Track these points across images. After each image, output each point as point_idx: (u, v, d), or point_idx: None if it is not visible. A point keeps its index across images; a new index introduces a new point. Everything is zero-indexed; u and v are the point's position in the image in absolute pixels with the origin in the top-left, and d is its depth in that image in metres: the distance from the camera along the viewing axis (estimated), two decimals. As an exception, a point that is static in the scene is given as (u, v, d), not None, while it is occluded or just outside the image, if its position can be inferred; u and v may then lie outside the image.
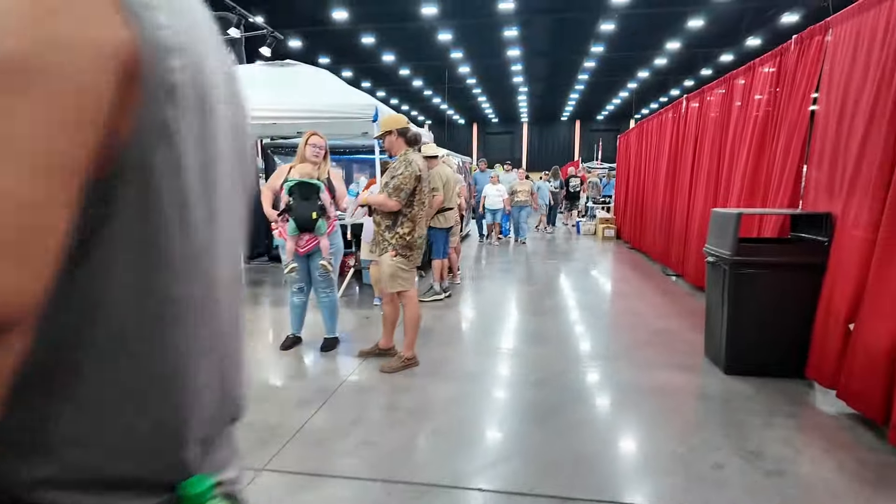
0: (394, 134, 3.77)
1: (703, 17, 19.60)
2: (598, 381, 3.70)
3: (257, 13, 18.57)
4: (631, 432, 3.00)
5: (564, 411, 3.23)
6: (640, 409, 3.28)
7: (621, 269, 8.46)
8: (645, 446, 2.86)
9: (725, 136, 5.77)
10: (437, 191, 5.77)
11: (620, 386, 3.63)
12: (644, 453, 2.78)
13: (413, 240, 3.69)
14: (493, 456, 2.72)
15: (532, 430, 3.01)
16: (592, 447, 2.81)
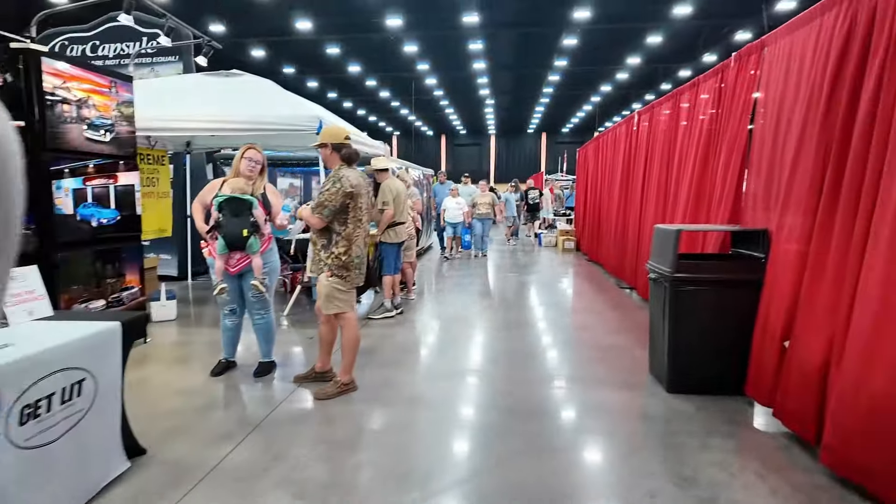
0: (328, 147, 3.62)
1: (661, 34, 20.13)
2: (542, 404, 3.58)
3: (218, 23, 18.22)
4: (569, 459, 2.88)
5: (505, 437, 3.09)
6: (581, 432, 3.17)
7: (578, 282, 8.45)
8: (582, 474, 2.74)
9: (673, 150, 5.80)
10: (388, 205, 5.63)
11: (565, 407, 3.52)
12: (580, 481, 2.66)
13: (349, 260, 3.52)
14: (427, 489, 2.56)
15: (469, 459, 2.86)
16: (531, 475, 2.67)
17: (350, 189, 3.45)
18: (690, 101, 5.37)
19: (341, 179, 3.45)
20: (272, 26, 18.77)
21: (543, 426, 3.23)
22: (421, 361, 4.49)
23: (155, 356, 4.55)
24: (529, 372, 4.19)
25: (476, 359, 4.53)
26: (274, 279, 4.00)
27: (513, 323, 5.69)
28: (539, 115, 36.10)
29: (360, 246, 3.59)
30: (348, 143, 3.67)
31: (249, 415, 3.36)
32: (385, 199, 5.65)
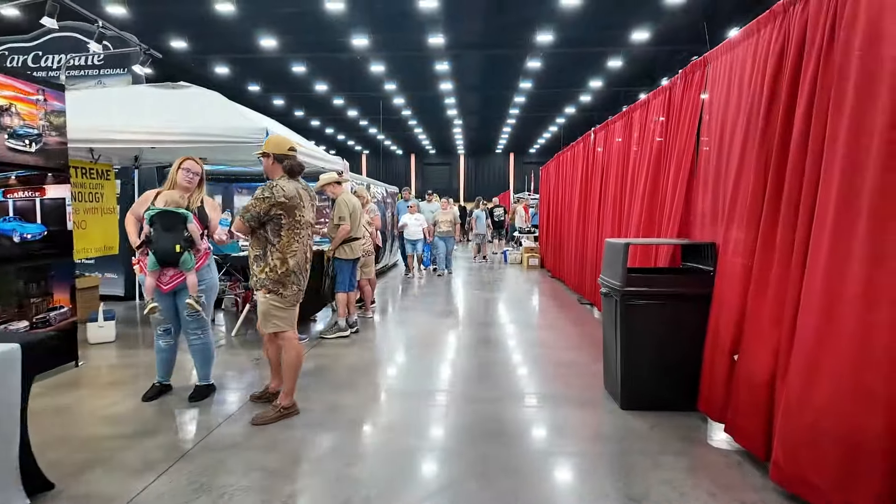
0: (270, 158, 3.45)
1: (621, 58, 20.75)
2: (497, 425, 3.44)
3: (180, 39, 17.90)
4: (524, 481, 2.73)
5: (456, 460, 2.93)
6: (537, 453, 3.04)
7: (540, 299, 8.40)
8: (536, 497, 2.60)
9: (627, 167, 5.84)
10: (344, 220, 5.47)
11: (521, 428, 3.39)
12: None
13: (285, 274, 3.34)
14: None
15: (418, 484, 2.68)
16: (483, 500, 2.52)
17: (282, 199, 3.28)
18: (642, 118, 5.43)
19: (273, 188, 3.29)
20: (236, 43, 18.53)
21: (498, 447, 3.09)
22: (372, 383, 4.30)
23: (85, 380, 4.23)
24: (486, 391, 4.04)
25: (432, 379, 4.37)
26: (212, 297, 3.77)
27: (473, 341, 5.56)
28: (506, 136, 36.59)
29: (299, 260, 3.42)
30: (292, 155, 3.51)
31: (178, 442, 3.10)
32: (342, 213, 5.50)
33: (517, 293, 8.84)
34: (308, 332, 5.87)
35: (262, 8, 15.61)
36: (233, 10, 15.30)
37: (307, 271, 3.54)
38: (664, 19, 16.77)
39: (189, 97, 5.27)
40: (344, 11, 15.82)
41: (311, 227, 3.56)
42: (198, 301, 3.58)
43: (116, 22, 16.17)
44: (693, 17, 16.31)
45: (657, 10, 16.17)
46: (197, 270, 3.61)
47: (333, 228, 5.51)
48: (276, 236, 3.32)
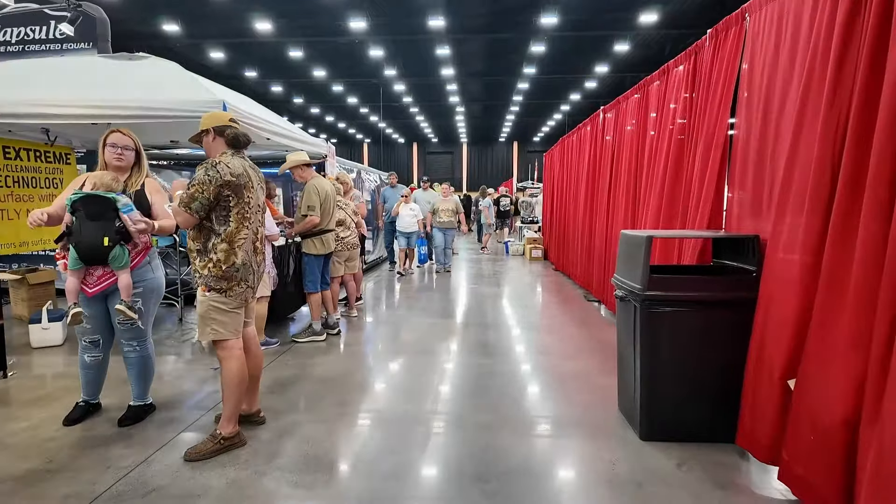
0: (210, 134, 2.77)
1: (627, 42, 19.83)
2: (484, 463, 2.76)
3: (172, 23, 17.12)
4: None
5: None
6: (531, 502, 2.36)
7: (543, 295, 7.69)
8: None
9: (642, 149, 5.11)
10: (314, 210, 4.74)
11: (514, 467, 2.70)
12: None
13: (231, 268, 2.66)
14: None
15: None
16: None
17: (229, 178, 2.61)
18: (660, 92, 4.69)
19: (217, 166, 2.60)
20: (230, 27, 17.74)
21: (483, 496, 2.41)
22: (344, 402, 3.60)
23: (9, 395, 3.58)
24: (481, 414, 3.36)
25: (417, 397, 3.68)
26: (152, 301, 3.08)
27: (469, 347, 4.87)
28: (510, 124, 35.68)
29: (248, 251, 2.74)
30: (234, 125, 2.82)
31: (83, 485, 2.44)
32: (311, 201, 4.75)
33: (519, 289, 8.13)
34: (281, 334, 5.20)
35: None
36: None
37: (258, 264, 2.86)
38: (673, 1, 15.86)
39: (144, 69, 4.56)
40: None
41: (261, 211, 2.88)
42: (132, 307, 2.90)
43: (105, 4, 15.47)
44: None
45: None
46: (133, 269, 2.93)
47: (301, 219, 4.80)
48: (223, 223, 2.65)
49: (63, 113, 3.86)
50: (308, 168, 4.93)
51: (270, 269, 4.52)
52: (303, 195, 4.81)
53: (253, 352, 3.00)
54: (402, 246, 9.13)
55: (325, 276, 5.04)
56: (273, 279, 4.61)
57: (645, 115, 5.08)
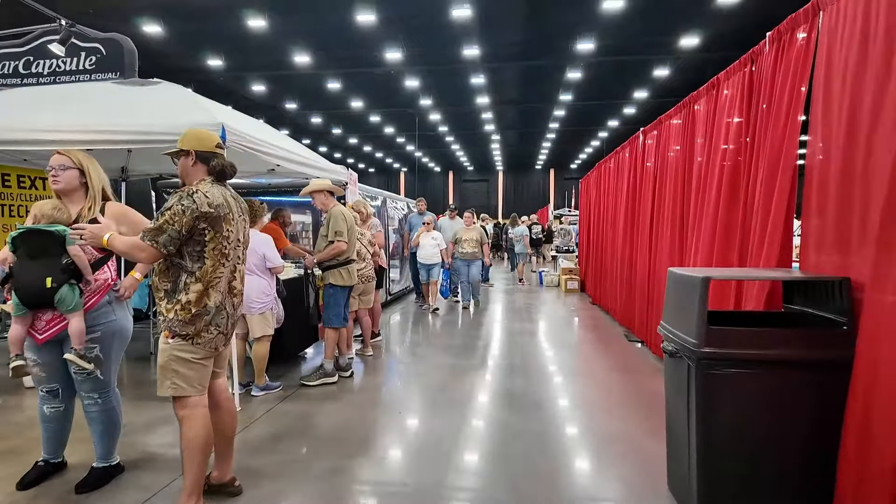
0: (191, 156, 2.40)
1: (667, 67, 19.20)
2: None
3: (216, 57, 17.67)
4: None
5: None
6: None
7: (579, 333, 7.03)
8: None
9: (688, 173, 4.52)
10: (342, 236, 4.39)
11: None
12: None
13: (202, 311, 2.26)
14: None
15: None
16: None
17: (207, 209, 2.23)
18: (708, 109, 4.12)
19: (194, 195, 2.22)
20: (271, 61, 18.16)
21: None
22: (343, 469, 3.08)
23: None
24: (505, 493, 2.79)
25: (419, 466, 3.13)
26: (114, 347, 2.68)
27: (495, 397, 4.30)
28: (546, 151, 35.18)
29: (223, 291, 2.33)
30: (221, 153, 2.45)
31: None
32: (338, 227, 4.40)
33: (552, 325, 7.49)
34: (289, 375, 4.77)
35: (295, 24, 15.13)
36: (265, 25, 14.86)
37: (235, 307, 2.45)
38: (716, 23, 15.19)
39: (152, 94, 4.36)
40: (376, 25, 15.12)
41: (241, 246, 2.48)
42: (85, 356, 2.52)
43: (152, 41, 16.13)
44: (748, 19, 14.65)
45: (708, 14, 14.65)
46: (88, 311, 2.56)
47: (325, 246, 4.42)
48: (196, 261, 2.26)
49: (53, 139, 3.63)
50: (331, 196, 4.61)
51: (275, 305, 4.12)
52: (328, 220, 4.48)
53: (224, 408, 2.56)
54: (423, 279, 8.31)
55: (346, 310, 4.62)
56: (277, 315, 4.22)
57: (691, 135, 4.51)
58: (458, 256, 8.44)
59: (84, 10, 12.82)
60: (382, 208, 8.34)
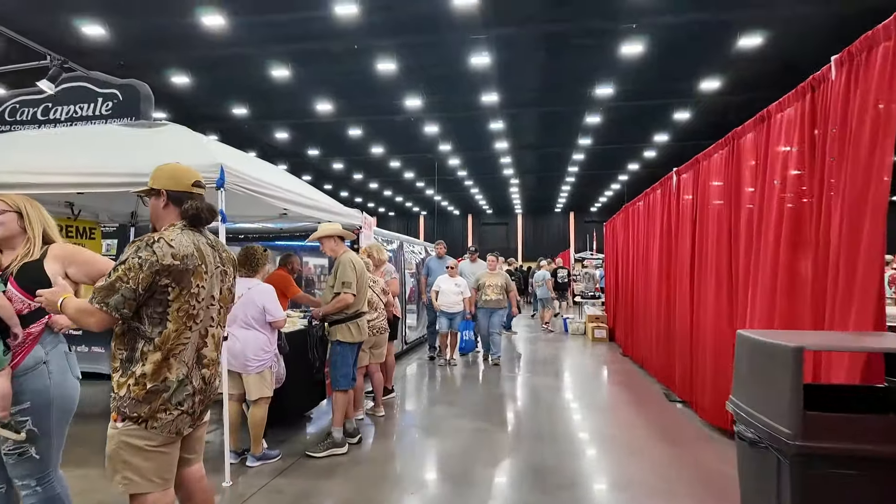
0: (162, 197, 2.02)
1: (688, 110, 18.95)
2: None
3: (240, 106, 18.05)
4: None
5: None
6: None
7: (612, 391, 6.37)
8: None
9: (736, 215, 4.02)
10: (349, 287, 3.95)
11: None
12: None
13: (159, 387, 1.82)
14: None
15: None
16: None
17: (170, 262, 1.83)
18: (757, 142, 3.67)
19: (154, 245, 1.83)
20: (293, 108, 18.47)
21: None
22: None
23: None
24: None
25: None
26: (52, 419, 2.14)
27: (514, 474, 3.70)
28: (566, 194, 34.91)
29: (189, 362, 1.90)
30: (198, 195, 2.07)
31: None
32: (347, 277, 3.95)
33: (581, 381, 6.82)
34: (292, 440, 4.26)
35: (317, 73, 15.40)
36: (288, 75, 15.14)
37: (209, 380, 2.00)
38: (737, 67, 14.97)
39: (154, 136, 4.12)
40: (397, 74, 15.28)
41: (218, 306, 2.05)
42: (14, 426, 2.07)
43: (178, 90, 16.56)
44: (769, 63, 14.40)
45: (728, 58, 14.45)
46: (14, 369, 2.12)
47: (331, 297, 3.99)
48: (157, 323, 1.84)
49: (38, 182, 3.35)
50: (341, 241, 4.19)
51: (273, 363, 3.67)
52: (335, 270, 4.03)
53: (199, 500, 2.07)
54: (444, 329, 7.43)
55: (354, 369, 4.13)
56: (277, 374, 3.76)
57: (737, 173, 4.04)
58: (481, 305, 7.57)
59: (115, 62, 13.24)
60: (399, 252, 7.96)
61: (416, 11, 12.16)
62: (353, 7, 11.62)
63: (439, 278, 7.42)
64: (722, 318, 4.22)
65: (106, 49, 13.03)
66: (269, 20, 12.04)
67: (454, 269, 7.46)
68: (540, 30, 13.29)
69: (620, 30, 13.03)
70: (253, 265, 3.66)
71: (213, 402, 2.06)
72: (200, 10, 11.58)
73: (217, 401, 3.47)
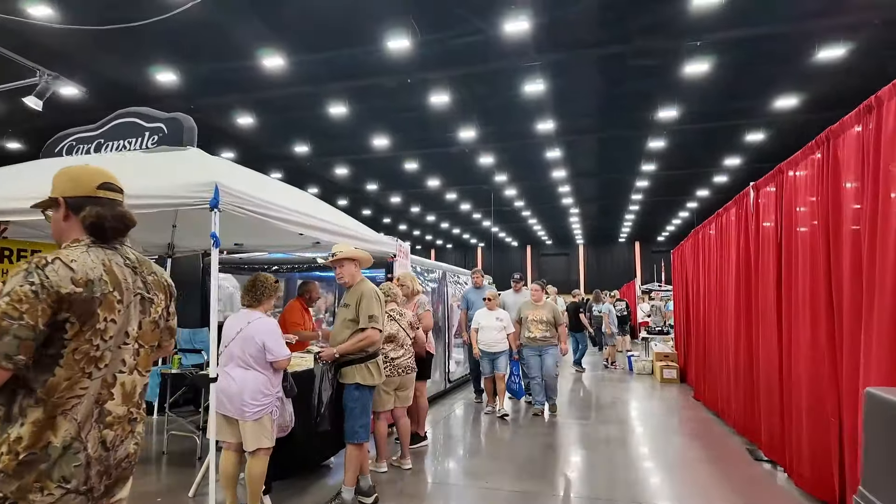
0: (60, 207, 1.58)
1: (761, 131, 17.49)
2: None
3: (302, 143, 18.62)
4: None
5: None
6: None
7: (684, 445, 5.41)
8: None
9: (837, 236, 3.20)
10: (376, 321, 3.47)
11: None
12: None
13: (36, 455, 1.35)
14: None
15: None
16: None
17: (70, 289, 1.39)
18: (863, 141, 2.87)
19: (46, 268, 1.38)
20: (352, 145, 18.84)
21: None
22: None
23: None
24: None
25: None
26: None
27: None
28: (630, 223, 33.27)
29: (86, 421, 1.43)
30: (106, 199, 1.60)
31: None
32: (372, 310, 3.48)
33: (647, 432, 5.85)
34: (301, 496, 3.75)
35: (373, 109, 15.62)
36: (345, 112, 15.43)
37: (114, 443, 1.50)
38: (816, 83, 13.60)
39: (164, 158, 3.96)
40: (450, 106, 15.20)
41: (131, 345, 1.56)
42: None
43: (244, 130, 17.31)
44: (852, 77, 12.92)
45: (805, 73, 13.16)
46: None
47: (348, 332, 3.50)
48: (45, 370, 1.39)
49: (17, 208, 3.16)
50: (357, 269, 3.72)
51: (276, 408, 3.21)
52: (358, 300, 3.48)
53: None
54: (486, 372, 6.28)
55: (367, 417, 3.59)
56: (281, 421, 3.30)
57: (835, 183, 3.23)
58: (526, 343, 6.32)
59: (186, 106, 14.04)
60: (442, 283, 7.45)
61: (467, 42, 12.02)
62: (405, 41, 11.65)
63: (478, 313, 6.37)
64: (821, 364, 3.34)
65: (178, 94, 13.83)
66: (325, 58, 12.32)
67: (493, 301, 6.34)
68: (594, 53, 12.73)
69: (684, 47, 12.21)
70: (256, 295, 3.26)
71: (129, 475, 1.58)
72: (261, 52, 12.02)
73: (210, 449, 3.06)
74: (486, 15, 11.18)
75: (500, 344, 6.20)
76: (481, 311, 6.36)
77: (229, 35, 11.40)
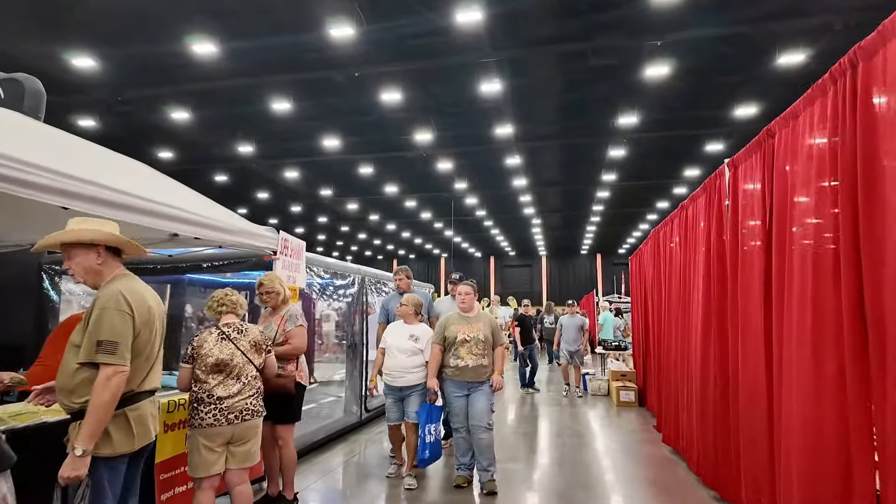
0: None
1: (722, 141, 16.93)
2: None
3: (247, 143, 17.03)
4: None
5: None
6: None
7: (635, 493, 4.20)
8: None
9: (852, 225, 2.04)
10: (112, 351, 1.98)
11: None
12: None
13: None
14: None
15: None
16: None
17: None
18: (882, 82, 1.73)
19: None
20: (301, 147, 17.38)
21: None
22: None
23: None
24: None
25: None
26: None
27: None
28: (592, 235, 32.69)
29: None
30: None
31: None
32: (110, 333, 2.02)
33: (595, 483, 4.61)
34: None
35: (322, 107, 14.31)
36: (292, 109, 14.03)
37: None
38: (776, 90, 12.99)
39: None
40: (404, 105, 14.00)
41: None
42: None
43: (180, 126, 15.56)
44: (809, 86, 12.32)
45: (764, 80, 12.55)
46: None
47: (77, 362, 2.07)
48: None
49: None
50: (104, 259, 2.19)
51: None
52: (88, 315, 2.08)
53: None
54: (392, 418, 4.29)
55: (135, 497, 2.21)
56: None
57: (865, 138, 2.08)
58: (450, 376, 4.08)
59: (113, 98, 12.36)
60: (361, 292, 6.09)
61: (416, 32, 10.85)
62: (349, 30, 10.40)
63: (388, 328, 4.45)
64: (840, 404, 2.18)
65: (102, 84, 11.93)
66: (264, 45, 10.92)
67: (408, 307, 4.31)
68: (553, 49, 11.75)
69: (645, 47, 11.34)
70: None
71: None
72: (193, 38, 10.50)
73: None
74: (436, 4, 10.06)
75: (413, 374, 4.17)
76: (393, 326, 4.44)
77: (159, 17, 9.88)
